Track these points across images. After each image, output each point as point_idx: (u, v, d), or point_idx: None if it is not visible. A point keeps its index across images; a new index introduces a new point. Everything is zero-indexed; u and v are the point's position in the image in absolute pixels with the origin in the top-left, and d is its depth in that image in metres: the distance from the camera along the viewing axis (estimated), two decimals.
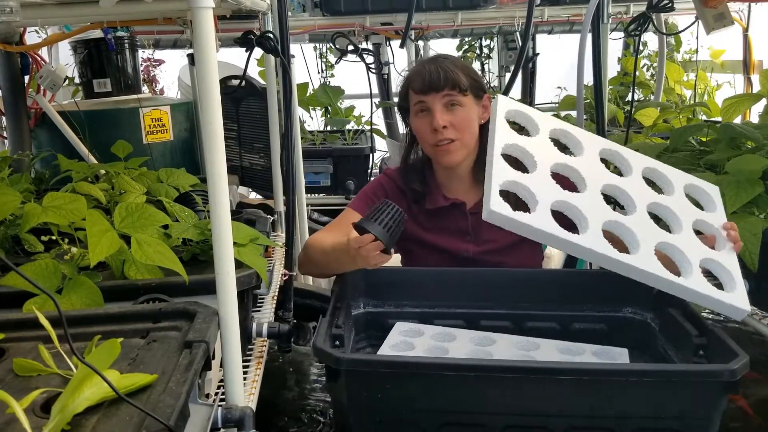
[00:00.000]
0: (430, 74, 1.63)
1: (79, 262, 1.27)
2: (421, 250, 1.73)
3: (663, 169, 1.55)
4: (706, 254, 1.38)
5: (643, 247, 1.32)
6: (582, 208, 1.35)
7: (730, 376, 1.09)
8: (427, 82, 1.63)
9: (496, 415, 1.16)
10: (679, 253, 1.36)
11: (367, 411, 1.18)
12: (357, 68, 3.34)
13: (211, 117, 1.01)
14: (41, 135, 2.66)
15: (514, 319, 1.54)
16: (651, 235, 1.36)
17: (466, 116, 1.64)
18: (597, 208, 1.38)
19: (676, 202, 1.47)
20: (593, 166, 1.49)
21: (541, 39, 4.08)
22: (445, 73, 1.62)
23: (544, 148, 1.47)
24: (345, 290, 1.54)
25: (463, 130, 1.64)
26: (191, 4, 0.97)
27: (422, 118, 1.66)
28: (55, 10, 1.85)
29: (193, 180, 1.89)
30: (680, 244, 1.37)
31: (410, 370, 1.16)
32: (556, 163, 1.45)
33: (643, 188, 1.48)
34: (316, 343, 1.21)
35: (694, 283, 1.31)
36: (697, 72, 3.61)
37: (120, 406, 0.83)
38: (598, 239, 1.31)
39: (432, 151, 1.68)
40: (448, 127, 1.62)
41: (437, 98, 1.62)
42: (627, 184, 1.47)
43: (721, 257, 1.39)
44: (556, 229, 1.28)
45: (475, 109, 1.67)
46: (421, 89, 1.64)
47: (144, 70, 4.08)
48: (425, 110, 1.65)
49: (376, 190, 1.76)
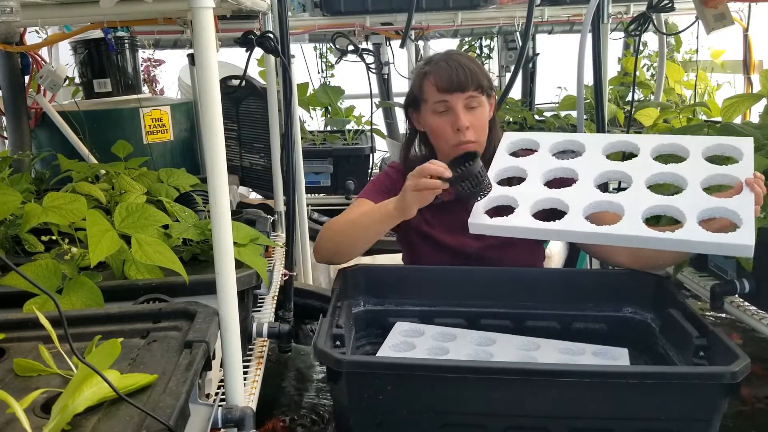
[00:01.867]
0: (457, 74, 1.62)
1: (79, 262, 1.27)
2: (424, 244, 1.73)
3: (679, 140, 1.52)
4: (709, 204, 1.34)
5: (629, 214, 1.35)
6: (565, 198, 1.43)
7: (731, 378, 1.08)
8: (455, 82, 1.61)
9: (497, 417, 1.16)
10: (676, 210, 1.35)
11: (367, 412, 1.18)
12: (357, 68, 3.34)
13: (212, 117, 1.01)
14: (41, 135, 2.66)
15: (514, 318, 1.54)
16: (642, 203, 1.37)
17: (484, 117, 1.66)
18: (583, 195, 1.43)
19: (685, 167, 1.45)
20: (592, 160, 1.52)
21: (541, 39, 4.08)
22: (472, 74, 1.62)
23: (540, 161, 1.55)
24: (345, 289, 1.55)
25: (480, 131, 1.66)
26: (191, 4, 0.98)
27: (443, 116, 1.65)
28: (55, 11, 1.84)
29: (193, 180, 1.89)
30: (678, 202, 1.36)
31: (411, 371, 1.16)
32: (549, 169, 1.52)
33: (647, 165, 1.48)
34: (316, 344, 1.21)
35: (686, 234, 1.28)
36: (697, 72, 3.61)
37: (120, 406, 0.83)
38: (577, 220, 1.38)
39: (450, 151, 1.67)
40: (470, 128, 1.63)
41: (461, 98, 1.62)
42: (628, 166, 1.48)
43: (730, 202, 1.33)
44: (533, 222, 1.41)
45: (488, 109, 1.69)
46: (447, 88, 1.62)
47: (144, 70, 4.08)
48: (447, 110, 1.64)
49: (385, 181, 1.76)
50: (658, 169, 1.46)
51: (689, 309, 1.37)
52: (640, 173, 1.45)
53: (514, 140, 1.62)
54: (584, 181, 1.47)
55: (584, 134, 1.60)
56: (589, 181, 1.47)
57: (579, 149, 1.56)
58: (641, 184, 1.43)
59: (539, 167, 1.53)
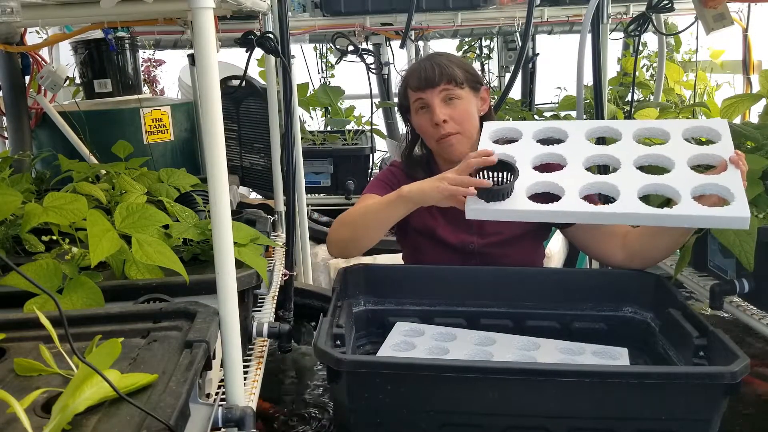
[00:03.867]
0: (425, 71, 1.66)
1: (79, 262, 1.27)
2: (426, 241, 1.74)
3: (658, 124, 1.56)
4: (700, 181, 1.36)
5: (624, 193, 1.35)
6: (559, 181, 1.41)
7: (731, 378, 1.08)
8: (423, 79, 1.65)
9: (497, 416, 1.16)
10: (669, 188, 1.36)
11: (367, 412, 1.18)
12: (357, 68, 3.34)
13: (212, 117, 1.01)
14: (42, 135, 2.66)
15: (514, 317, 1.54)
16: (635, 183, 1.38)
17: (465, 109, 1.67)
18: (575, 178, 1.42)
19: (671, 147, 1.47)
20: (578, 146, 1.52)
21: (541, 39, 4.09)
22: (440, 68, 1.65)
23: (525, 148, 1.53)
24: (346, 288, 1.55)
25: (463, 123, 1.66)
26: (192, 5, 0.98)
27: (423, 114, 1.68)
28: (55, 11, 1.85)
29: (193, 180, 1.89)
30: (670, 181, 1.37)
31: (411, 371, 1.16)
32: (536, 155, 1.50)
33: (631, 147, 1.49)
34: (317, 344, 1.21)
35: (684, 209, 1.30)
36: (696, 72, 3.61)
37: (120, 406, 0.83)
38: (573, 200, 1.36)
39: (436, 147, 1.70)
40: (448, 120, 1.65)
41: (435, 93, 1.65)
42: (612, 149, 1.49)
43: (719, 179, 1.36)
44: (531, 204, 1.38)
45: (473, 102, 1.69)
46: (418, 86, 1.67)
47: (144, 70, 4.09)
48: (425, 107, 1.67)
49: (389, 176, 1.77)
50: (644, 151, 1.47)
51: (689, 309, 1.37)
52: (627, 155, 1.45)
53: (495, 129, 1.60)
54: (573, 165, 1.46)
55: (565, 122, 1.60)
56: (578, 165, 1.46)
57: (561, 136, 1.56)
58: (630, 165, 1.43)
59: (526, 154, 1.51)
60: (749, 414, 1.96)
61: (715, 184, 1.35)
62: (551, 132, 1.58)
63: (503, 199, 1.38)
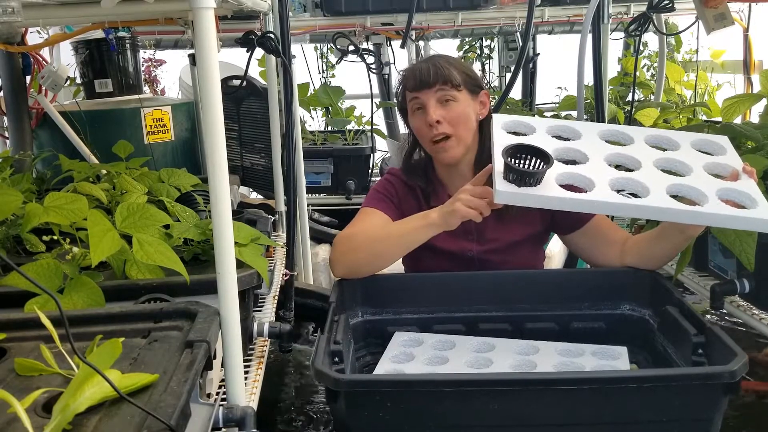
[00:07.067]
0: (422, 71, 1.65)
1: (80, 261, 1.27)
2: (425, 250, 1.72)
3: (666, 133, 1.56)
4: (721, 186, 1.37)
5: (654, 190, 1.33)
6: (587, 174, 1.38)
7: (730, 377, 1.08)
8: (419, 79, 1.65)
9: (498, 428, 1.16)
10: (694, 190, 1.35)
11: (368, 429, 1.17)
12: (358, 68, 3.34)
13: (213, 117, 1.01)
14: (43, 135, 2.66)
15: (512, 321, 1.54)
16: (661, 181, 1.37)
17: (461, 111, 1.65)
18: (602, 171, 1.39)
19: (684, 154, 1.47)
20: (594, 143, 1.50)
21: (541, 39, 4.09)
22: (437, 69, 1.64)
23: (542, 141, 1.49)
24: (343, 300, 1.53)
25: (457, 125, 1.64)
26: (192, 5, 0.98)
27: (418, 115, 1.67)
28: (56, 11, 1.85)
29: (194, 180, 1.89)
30: (693, 182, 1.37)
31: (409, 387, 1.15)
32: (555, 148, 1.47)
33: (647, 150, 1.48)
34: (314, 364, 1.18)
35: (715, 209, 1.30)
36: (697, 72, 3.61)
37: (121, 406, 0.83)
38: (607, 192, 1.32)
39: (430, 149, 1.69)
40: (442, 122, 1.63)
41: (430, 94, 1.64)
42: (630, 150, 1.48)
43: (738, 185, 1.37)
44: (563, 192, 1.31)
45: (470, 105, 1.67)
46: (414, 87, 1.66)
47: (145, 70, 4.08)
48: (420, 107, 1.66)
49: (388, 187, 1.76)
50: (661, 154, 1.46)
51: (686, 305, 1.38)
52: (646, 156, 1.44)
53: (506, 122, 1.55)
54: (595, 160, 1.43)
55: (577, 122, 1.58)
56: (599, 160, 1.43)
57: (574, 135, 1.54)
58: (650, 166, 1.42)
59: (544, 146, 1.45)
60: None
61: (737, 190, 1.35)
62: (563, 130, 1.55)
63: (535, 184, 1.32)
